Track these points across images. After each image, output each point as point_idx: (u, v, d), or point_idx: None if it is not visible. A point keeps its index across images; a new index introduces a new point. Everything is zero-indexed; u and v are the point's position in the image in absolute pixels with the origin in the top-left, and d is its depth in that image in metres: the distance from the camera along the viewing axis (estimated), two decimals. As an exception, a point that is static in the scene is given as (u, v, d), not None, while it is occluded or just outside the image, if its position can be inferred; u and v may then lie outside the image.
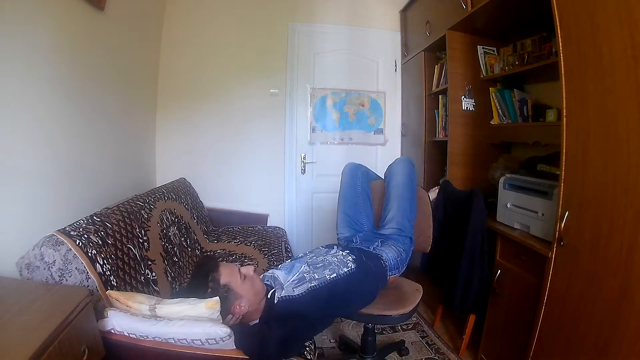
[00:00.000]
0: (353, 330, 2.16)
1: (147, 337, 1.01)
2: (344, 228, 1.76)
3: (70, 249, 1.11)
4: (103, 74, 1.87)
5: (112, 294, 1.07)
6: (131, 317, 1.02)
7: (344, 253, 1.50)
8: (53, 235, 1.13)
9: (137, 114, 2.44)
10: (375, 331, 1.75)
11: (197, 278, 1.24)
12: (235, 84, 2.83)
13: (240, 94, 2.84)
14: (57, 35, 1.47)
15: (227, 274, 1.23)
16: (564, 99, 1.28)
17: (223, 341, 1.01)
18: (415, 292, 1.61)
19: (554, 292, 1.33)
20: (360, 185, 1.80)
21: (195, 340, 1.00)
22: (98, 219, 1.34)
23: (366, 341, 1.70)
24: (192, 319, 1.03)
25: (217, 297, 1.10)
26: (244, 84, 2.84)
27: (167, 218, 1.88)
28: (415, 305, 1.52)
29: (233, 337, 1.03)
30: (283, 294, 1.30)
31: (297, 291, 1.30)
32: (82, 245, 1.15)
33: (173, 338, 1.01)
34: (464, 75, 2.21)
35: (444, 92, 2.41)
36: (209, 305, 1.06)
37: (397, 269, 1.59)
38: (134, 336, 1.01)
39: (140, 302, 1.06)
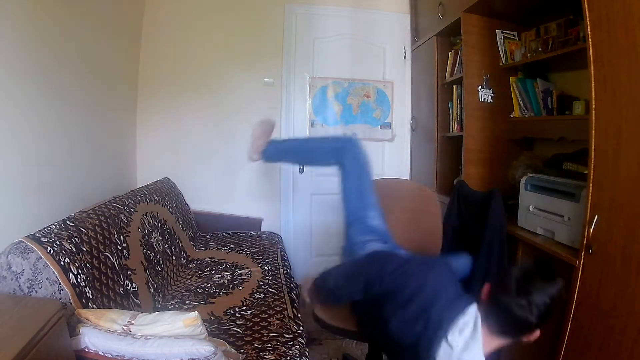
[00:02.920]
0: (357, 349, 2.15)
1: (124, 357, 1.01)
2: (379, 219, 1.57)
3: (41, 257, 1.11)
4: (77, 60, 1.87)
5: (82, 312, 1.07)
6: (105, 335, 1.02)
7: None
8: (21, 241, 1.13)
9: (116, 105, 2.43)
10: (382, 349, 1.75)
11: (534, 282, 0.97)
12: (225, 73, 2.83)
13: (231, 84, 2.84)
14: (24, 16, 1.47)
15: None
16: (593, 89, 1.28)
17: (208, 360, 1.00)
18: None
19: (581, 305, 1.33)
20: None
21: (177, 361, 1.00)
22: (72, 224, 1.33)
23: (372, 361, 1.70)
24: (172, 337, 1.03)
25: (196, 313, 1.07)
26: (235, 72, 2.84)
27: (149, 223, 1.88)
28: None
29: (218, 355, 1.03)
30: None
31: None
32: (54, 253, 1.15)
33: (152, 359, 1.00)
34: (481, 63, 2.20)
35: (458, 81, 2.41)
36: (188, 323, 1.06)
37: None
38: (109, 355, 1.01)
39: (113, 320, 1.06)
